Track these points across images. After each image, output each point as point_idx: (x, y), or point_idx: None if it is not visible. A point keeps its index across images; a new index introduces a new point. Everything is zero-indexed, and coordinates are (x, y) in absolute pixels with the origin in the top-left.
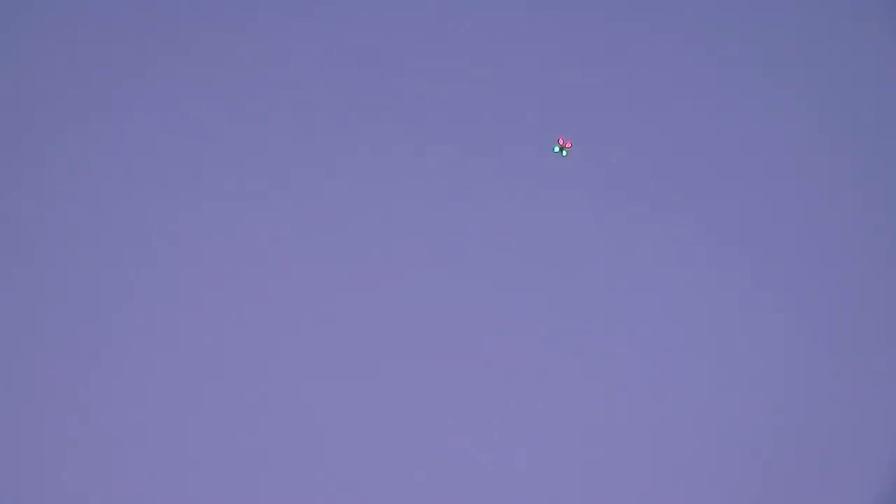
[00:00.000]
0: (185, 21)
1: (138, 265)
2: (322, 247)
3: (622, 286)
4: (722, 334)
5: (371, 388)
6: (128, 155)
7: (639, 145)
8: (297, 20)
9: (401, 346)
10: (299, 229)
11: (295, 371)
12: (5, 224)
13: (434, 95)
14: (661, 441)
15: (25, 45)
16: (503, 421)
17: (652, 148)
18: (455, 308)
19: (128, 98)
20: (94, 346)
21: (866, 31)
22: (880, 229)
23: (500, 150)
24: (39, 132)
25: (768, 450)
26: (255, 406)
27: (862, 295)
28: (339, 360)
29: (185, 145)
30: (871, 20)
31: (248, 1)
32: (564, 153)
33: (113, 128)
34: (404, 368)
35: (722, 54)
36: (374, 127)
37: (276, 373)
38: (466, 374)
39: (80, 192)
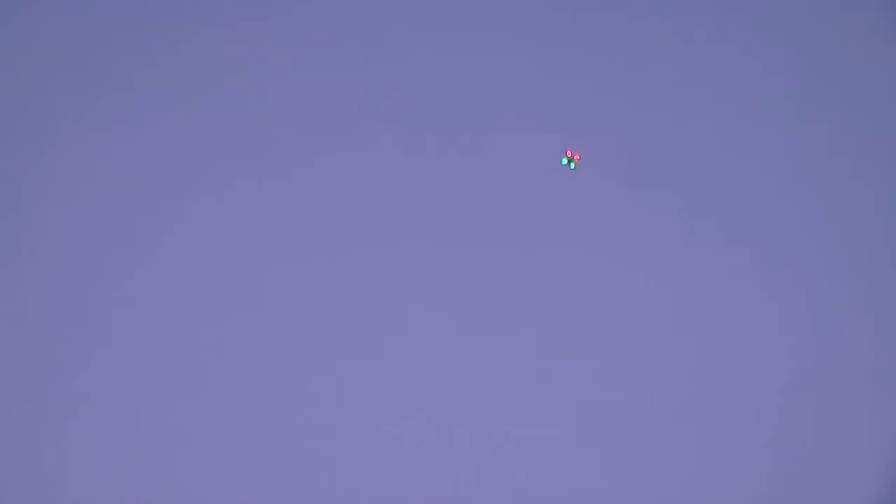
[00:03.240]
0: (184, 22)
1: (135, 265)
2: (321, 246)
3: (626, 285)
4: (724, 334)
5: (371, 386)
6: (126, 155)
7: (642, 146)
8: (297, 20)
9: (403, 344)
10: (298, 229)
11: (296, 366)
12: (5, 224)
13: (435, 97)
14: (662, 438)
15: (25, 46)
16: (507, 419)
17: (655, 149)
18: (457, 309)
19: (127, 98)
20: (93, 346)
21: (866, 31)
22: (882, 230)
23: (501, 150)
24: (39, 133)
25: (769, 448)
26: (255, 406)
27: (863, 295)
28: (338, 360)
29: (184, 146)
30: (871, 20)
31: (249, 1)
32: (573, 166)
33: (113, 128)
34: (407, 366)
35: (724, 56)
36: (374, 129)
37: (276, 370)
38: (468, 373)
39: (79, 192)
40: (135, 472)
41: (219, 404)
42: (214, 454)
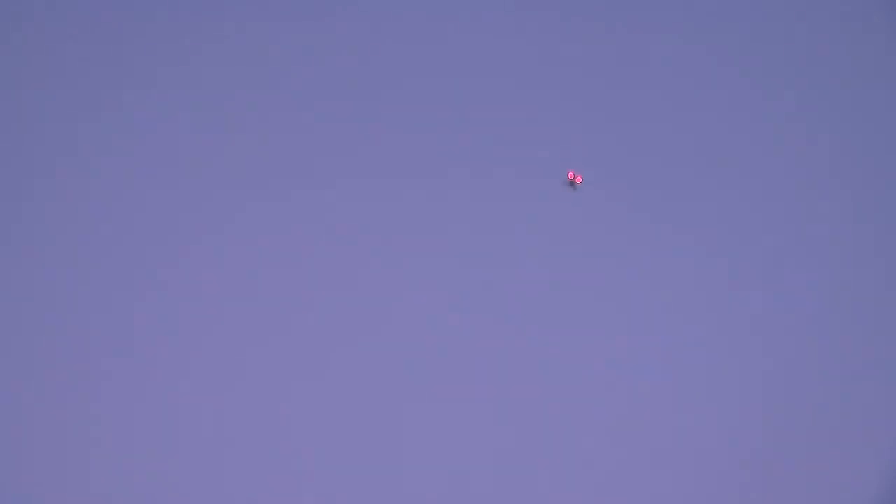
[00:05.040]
0: (184, 22)
1: (135, 266)
2: (321, 247)
3: (626, 287)
4: (724, 335)
5: (374, 394)
6: (126, 157)
7: (641, 152)
8: (296, 21)
9: (405, 351)
10: (298, 230)
11: (296, 372)
12: (6, 225)
13: (436, 99)
14: (660, 439)
15: (25, 48)
16: (506, 422)
17: (654, 153)
18: (456, 311)
19: (129, 100)
20: (91, 347)
21: (867, 31)
22: (882, 230)
23: (500, 153)
24: (40, 135)
25: (769, 450)
26: (255, 411)
27: (863, 296)
28: (338, 365)
29: (183, 147)
30: (871, 20)
31: (249, 3)
32: (574, 188)
33: (114, 129)
34: (409, 373)
35: (723, 60)
36: (374, 131)
37: (276, 374)
38: (467, 375)
39: (77, 194)
40: (135, 472)
41: (219, 405)
42: (216, 456)
